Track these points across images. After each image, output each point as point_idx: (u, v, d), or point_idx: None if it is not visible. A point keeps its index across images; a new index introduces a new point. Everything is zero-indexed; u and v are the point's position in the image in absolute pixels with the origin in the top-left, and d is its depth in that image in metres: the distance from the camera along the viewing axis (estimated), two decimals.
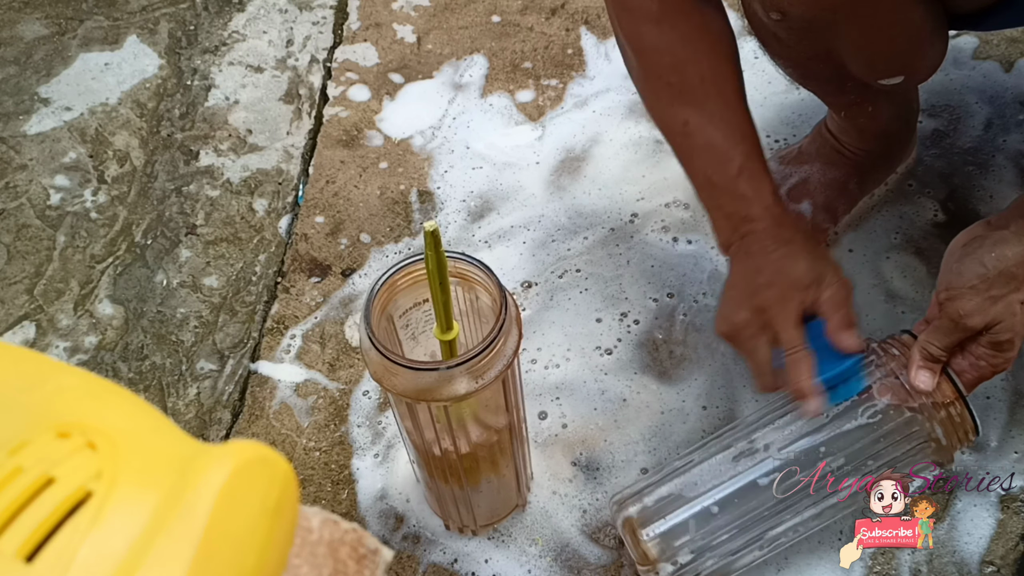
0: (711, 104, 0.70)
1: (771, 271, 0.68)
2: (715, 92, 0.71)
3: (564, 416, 0.84)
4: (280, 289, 0.95)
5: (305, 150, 1.05)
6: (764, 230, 0.69)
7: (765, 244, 0.69)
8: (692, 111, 0.71)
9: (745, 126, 0.71)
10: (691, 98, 0.71)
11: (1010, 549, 0.75)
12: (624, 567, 0.77)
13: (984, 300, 0.63)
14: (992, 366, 0.65)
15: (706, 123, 0.70)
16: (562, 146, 1.02)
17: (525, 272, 0.93)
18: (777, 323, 0.67)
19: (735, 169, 0.69)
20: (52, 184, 1.03)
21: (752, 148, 0.70)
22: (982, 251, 0.64)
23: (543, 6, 1.15)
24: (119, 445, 0.28)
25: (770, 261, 0.68)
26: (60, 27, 1.17)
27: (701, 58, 0.71)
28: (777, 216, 0.69)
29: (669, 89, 0.72)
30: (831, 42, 0.69)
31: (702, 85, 0.71)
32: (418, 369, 0.58)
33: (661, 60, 0.71)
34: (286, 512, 0.30)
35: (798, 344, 0.66)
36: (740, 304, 0.69)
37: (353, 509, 0.81)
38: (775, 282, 0.67)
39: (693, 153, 0.72)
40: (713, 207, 0.72)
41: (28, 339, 0.92)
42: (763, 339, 0.68)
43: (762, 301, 0.67)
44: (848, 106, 0.84)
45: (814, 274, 0.67)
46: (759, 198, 0.69)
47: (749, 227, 0.69)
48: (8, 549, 0.25)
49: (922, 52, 0.72)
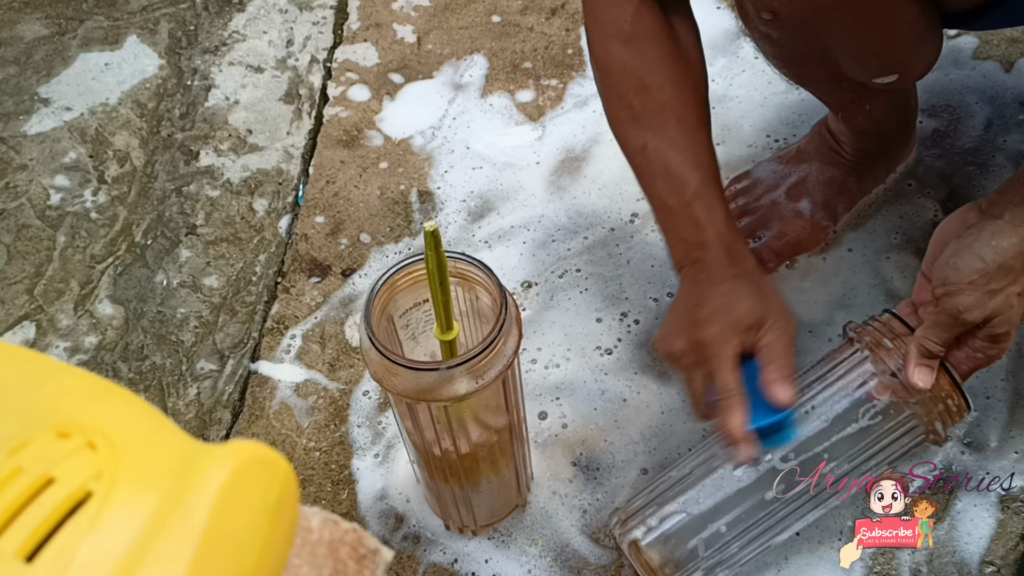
0: (670, 130, 0.71)
1: (714, 305, 0.67)
2: (675, 119, 0.71)
3: (564, 416, 0.84)
4: (280, 289, 0.95)
5: (305, 150, 1.05)
6: (714, 259, 0.68)
7: (712, 275, 0.68)
8: (651, 135, 0.71)
9: (703, 154, 0.71)
10: (651, 121, 0.71)
11: (1010, 549, 0.75)
12: (624, 567, 0.77)
13: (983, 295, 0.63)
14: (988, 357, 0.65)
15: (664, 148, 0.70)
16: (562, 146, 1.02)
17: (525, 272, 0.93)
18: (713, 363, 0.66)
19: (690, 194, 0.69)
20: (52, 184, 1.03)
21: (708, 175, 0.70)
22: (979, 244, 0.64)
23: (543, 6, 1.15)
24: (119, 445, 0.28)
25: (714, 295, 0.67)
26: (60, 27, 1.17)
27: (665, 84, 0.70)
28: (728, 244, 0.69)
29: (630, 111, 0.72)
30: (824, 42, 0.69)
31: (662, 110, 0.71)
32: (418, 369, 0.58)
33: (625, 81, 0.72)
34: (286, 512, 0.30)
35: (732, 389, 0.65)
36: (679, 332, 0.68)
37: (353, 509, 0.81)
38: (715, 318, 0.66)
39: (651, 175, 0.72)
40: (668, 229, 0.72)
41: (28, 339, 0.92)
42: (699, 373, 0.68)
43: (701, 336, 0.66)
44: (845, 105, 0.84)
45: (756, 315, 0.66)
46: (712, 224, 0.69)
47: (700, 253, 0.69)
48: (8, 549, 0.25)
49: (915, 51, 0.72)
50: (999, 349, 0.65)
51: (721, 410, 0.66)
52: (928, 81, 1.00)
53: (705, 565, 0.68)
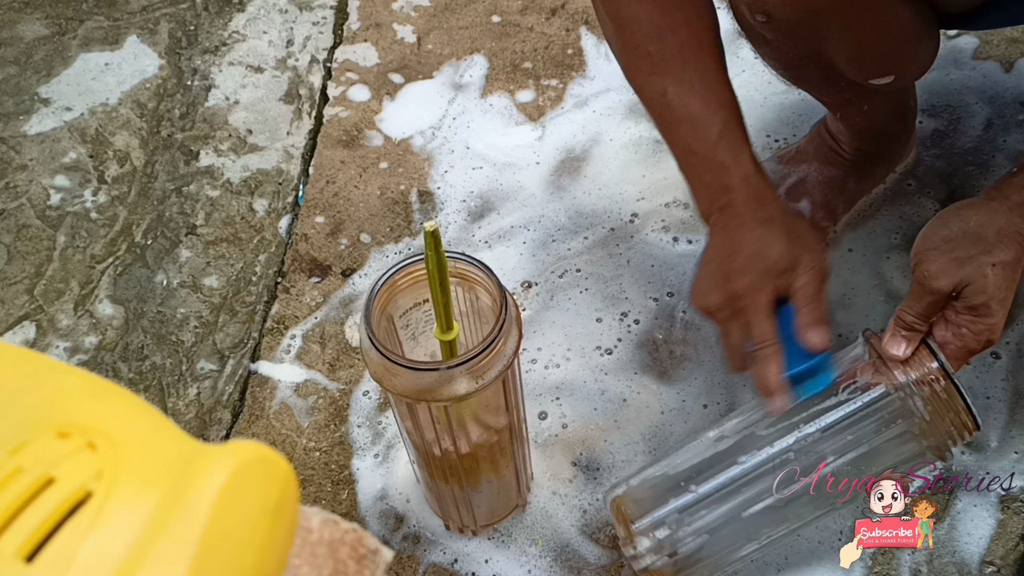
0: (690, 73, 0.69)
1: (746, 254, 0.66)
2: (694, 60, 0.70)
3: (564, 416, 0.84)
4: (280, 289, 0.95)
5: (305, 150, 1.05)
6: (743, 202, 0.67)
7: (743, 219, 0.67)
8: (671, 80, 0.70)
9: (724, 94, 0.70)
10: (669, 67, 0.70)
11: (1010, 549, 0.75)
12: (624, 567, 0.77)
13: (949, 261, 0.64)
14: (974, 334, 0.64)
15: (685, 92, 0.69)
16: (562, 146, 1.02)
17: (525, 272, 0.93)
18: (749, 313, 0.66)
19: (714, 137, 0.68)
20: (52, 184, 1.03)
21: (731, 116, 0.69)
22: (948, 214, 0.66)
23: (543, 6, 1.15)
24: (119, 445, 0.28)
25: (746, 242, 0.67)
26: (60, 27, 1.17)
27: (679, 27, 0.69)
28: (756, 188, 0.68)
29: (648, 59, 0.71)
30: (819, 43, 0.69)
31: (680, 54, 0.70)
32: (418, 369, 0.58)
33: (639, 29, 0.71)
34: (286, 512, 0.30)
35: (768, 338, 0.65)
36: (714, 285, 0.68)
37: (353, 509, 0.81)
38: (749, 267, 0.66)
39: (672, 123, 0.71)
40: (692, 177, 0.71)
41: (28, 339, 0.92)
42: (735, 324, 0.67)
43: (736, 288, 0.66)
44: (843, 105, 0.84)
45: (789, 259, 0.66)
46: (738, 167, 0.68)
47: (728, 198, 0.68)
48: (8, 549, 0.25)
49: (911, 51, 0.72)
50: (984, 325, 0.64)
51: (757, 360, 0.66)
52: (928, 81, 1.00)
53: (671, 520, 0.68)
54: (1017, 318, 0.85)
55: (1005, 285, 0.64)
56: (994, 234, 0.64)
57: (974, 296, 0.63)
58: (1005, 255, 0.64)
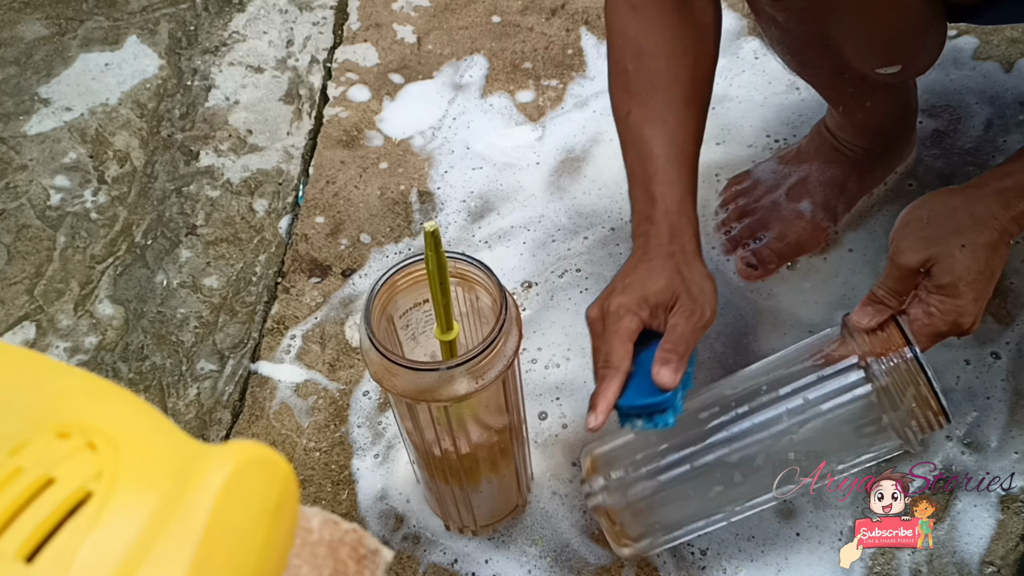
0: (655, 101, 0.71)
1: (633, 279, 0.68)
2: (663, 90, 0.71)
3: (564, 416, 0.84)
4: (280, 289, 0.95)
5: (305, 150, 1.05)
6: (655, 235, 0.69)
7: (648, 249, 0.69)
8: (636, 103, 0.71)
9: (679, 131, 0.71)
10: (639, 90, 0.71)
11: (1010, 549, 0.75)
12: (624, 567, 0.77)
13: (917, 239, 0.66)
14: (941, 313, 0.65)
15: (644, 118, 0.71)
16: (562, 146, 1.02)
17: (525, 272, 0.93)
18: (607, 333, 0.66)
19: (652, 169, 0.70)
20: (52, 184, 1.03)
21: (677, 153, 0.70)
22: (927, 197, 0.68)
23: (543, 6, 1.15)
24: (119, 445, 0.28)
25: (639, 269, 0.68)
26: (60, 27, 1.17)
27: (662, 54, 0.71)
28: (673, 224, 0.69)
29: (624, 76, 0.72)
30: (828, 28, 0.69)
31: (653, 79, 0.71)
32: (418, 369, 0.58)
33: (624, 45, 0.72)
34: (286, 512, 0.30)
35: (611, 362, 0.65)
36: (600, 300, 0.69)
37: (353, 509, 0.81)
38: (628, 291, 0.67)
39: (626, 144, 0.73)
40: (631, 199, 0.73)
41: (28, 339, 0.92)
42: (599, 341, 0.68)
43: (610, 306, 0.67)
44: (846, 99, 0.84)
45: (667, 295, 0.66)
46: (663, 202, 0.69)
47: (647, 227, 0.69)
48: (8, 549, 0.25)
49: (919, 41, 0.72)
50: (952, 306, 0.65)
51: (597, 379, 0.66)
52: (928, 81, 1.00)
53: (628, 460, 0.71)
54: (1017, 318, 0.85)
55: (974, 267, 0.64)
56: (967, 216, 0.65)
57: (941, 275, 0.64)
58: (976, 238, 0.65)
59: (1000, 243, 0.65)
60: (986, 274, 0.65)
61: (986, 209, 0.66)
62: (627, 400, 0.64)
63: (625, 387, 0.65)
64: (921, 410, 0.64)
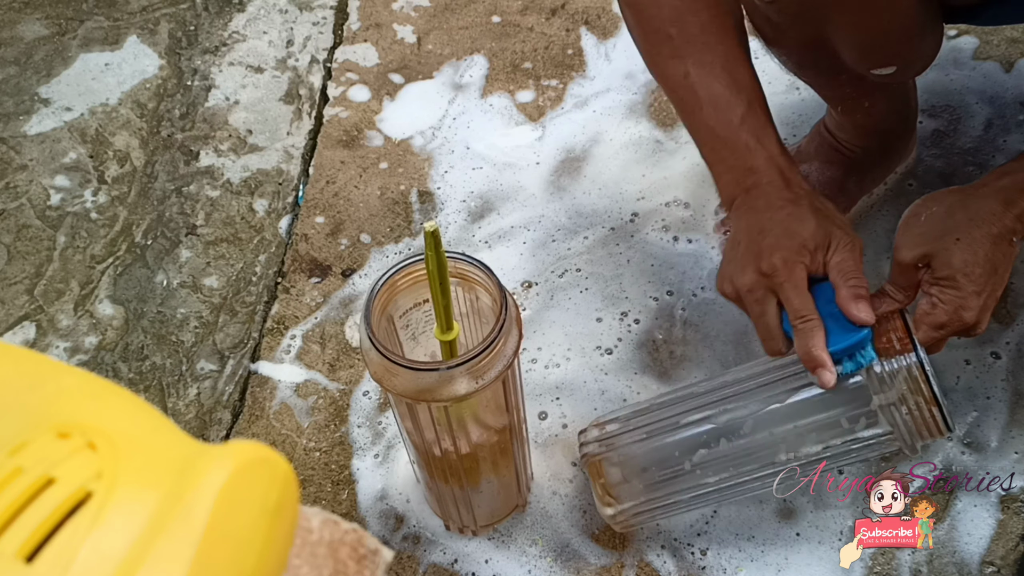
0: (711, 55, 0.69)
1: (777, 232, 0.65)
2: (715, 42, 0.69)
3: (564, 416, 0.84)
4: (280, 289, 0.95)
5: (305, 150, 1.05)
6: (769, 183, 0.67)
7: (771, 200, 0.67)
8: (692, 62, 0.70)
9: (746, 76, 0.69)
10: (691, 49, 0.70)
11: (1010, 549, 0.75)
12: (624, 567, 0.77)
13: (915, 235, 0.66)
14: (943, 303, 0.65)
15: (706, 74, 0.69)
16: (562, 146, 1.02)
17: (525, 272, 0.93)
18: (785, 289, 0.64)
19: (737, 119, 0.68)
20: (52, 184, 1.03)
21: (755, 97, 0.69)
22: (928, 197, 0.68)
23: (543, 6, 1.15)
24: (119, 445, 0.28)
25: (776, 220, 0.66)
26: (60, 27, 1.17)
27: (700, 9, 0.70)
28: (782, 168, 0.67)
29: (669, 41, 0.71)
30: (823, 28, 0.69)
31: (702, 35, 0.70)
32: (418, 369, 0.58)
33: (660, 13, 0.71)
34: (286, 512, 0.30)
35: (807, 313, 0.64)
36: (745, 266, 0.66)
37: (353, 509, 0.81)
38: (781, 244, 0.65)
39: (694, 105, 0.70)
40: (716, 160, 0.70)
41: (28, 339, 0.92)
42: (770, 303, 0.66)
43: (768, 265, 0.65)
44: (844, 99, 0.84)
45: (822, 235, 0.65)
46: (762, 148, 0.67)
47: (753, 179, 0.67)
48: (8, 549, 0.25)
49: (915, 42, 0.72)
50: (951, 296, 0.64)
51: (800, 334, 0.64)
52: (928, 81, 1.00)
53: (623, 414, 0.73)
54: (1017, 318, 0.85)
55: (971, 260, 0.64)
56: (964, 213, 0.65)
57: (940, 269, 0.65)
58: (972, 232, 0.65)
59: (1000, 239, 0.65)
60: (986, 268, 0.64)
61: (984, 206, 0.66)
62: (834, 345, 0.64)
63: None
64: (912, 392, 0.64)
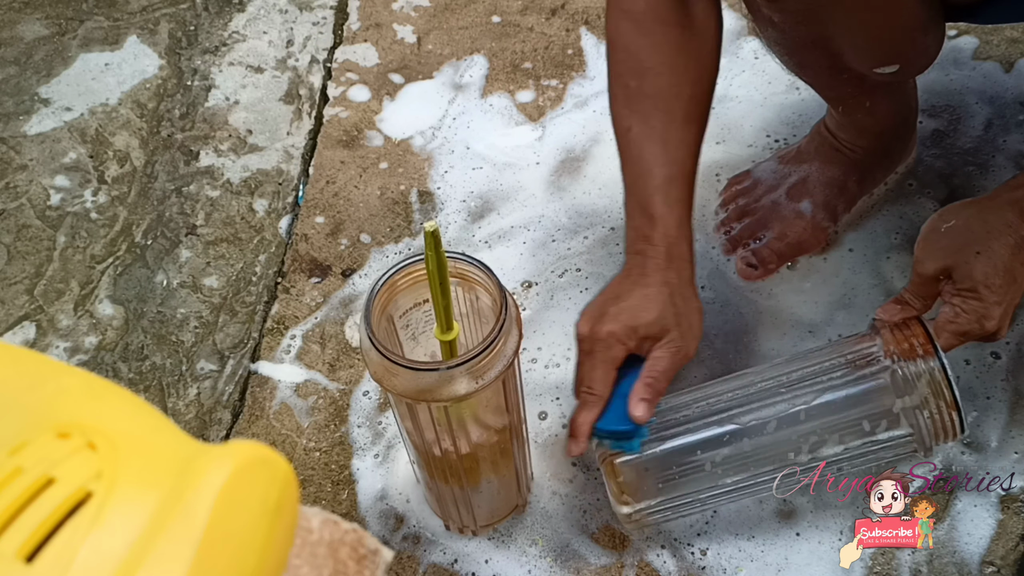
0: (656, 119, 0.72)
1: (625, 305, 0.69)
2: (664, 109, 0.72)
3: (564, 416, 0.84)
4: (280, 289, 0.95)
5: (305, 150, 1.05)
6: (652, 257, 0.70)
7: (645, 272, 0.70)
8: (637, 120, 0.72)
9: (679, 151, 0.72)
10: (641, 107, 0.72)
11: (1010, 549, 0.75)
12: (624, 567, 0.77)
13: (935, 249, 0.69)
14: (965, 313, 0.68)
15: (645, 136, 0.72)
16: (562, 146, 1.02)
17: (525, 272, 0.93)
18: (593, 357, 0.69)
19: (651, 188, 0.71)
20: (52, 184, 1.03)
21: (676, 174, 0.71)
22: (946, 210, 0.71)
23: (543, 6, 1.15)
24: (119, 445, 0.28)
25: (633, 295, 0.70)
26: (60, 27, 1.17)
27: (664, 72, 0.72)
28: (670, 248, 0.70)
29: (625, 91, 0.73)
30: (826, 28, 0.69)
31: (654, 98, 0.72)
32: (418, 369, 0.58)
33: (627, 61, 0.73)
34: (286, 512, 0.30)
35: (593, 388, 0.69)
36: (587, 320, 0.71)
37: (353, 509, 0.81)
38: (619, 318, 0.69)
39: (626, 159, 0.74)
40: (627, 214, 0.74)
41: (28, 339, 0.92)
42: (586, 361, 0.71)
43: (599, 331, 0.69)
44: (845, 99, 0.84)
45: (657, 328, 0.69)
46: (663, 223, 0.70)
47: (644, 246, 0.71)
48: (8, 549, 0.25)
49: (916, 41, 0.72)
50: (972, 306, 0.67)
51: (580, 404, 0.70)
52: (928, 81, 1.00)
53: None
54: (1017, 318, 0.85)
55: (991, 271, 0.67)
56: (981, 225, 0.68)
57: (961, 281, 0.68)
58: (991, 244, 0.67)
59: (1018, 249, 0.67)
60: (1006, 279, 0.67)
61: (999, 218, 0.68)
62: (602, 424, 0.69)
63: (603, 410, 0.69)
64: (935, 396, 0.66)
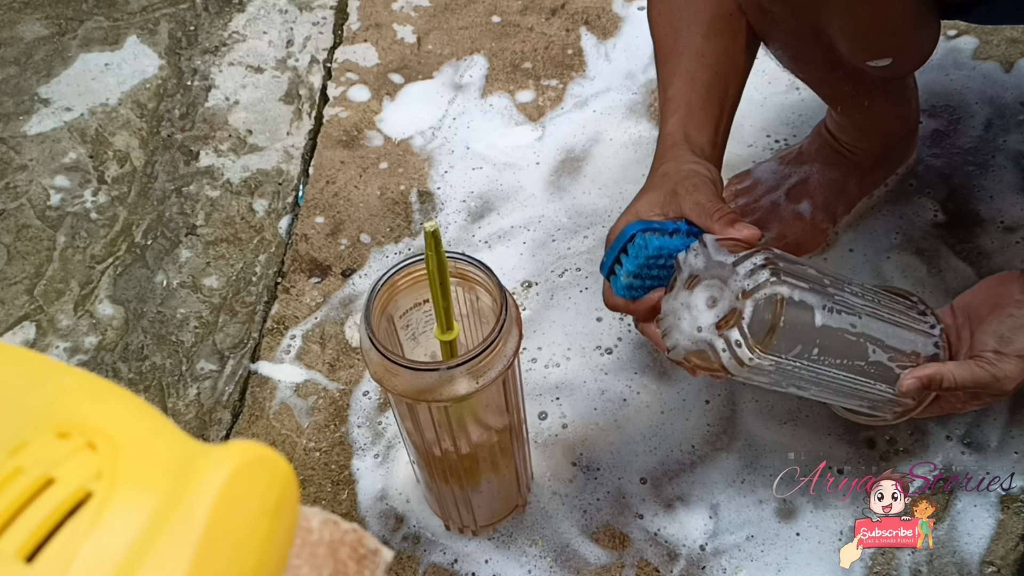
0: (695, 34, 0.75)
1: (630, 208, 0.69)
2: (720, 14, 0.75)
3: (564, 416, 0.84)
4: (280, 289, 0.95)
5: (305, 150, 1.05)
6: (654, 163, 0.72)
7: (650, 180, 0.71)
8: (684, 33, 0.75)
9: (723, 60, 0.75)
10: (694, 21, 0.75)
11: (1010, 549, 0.75)
12: (624, 567, 0.77)
13: (995, 336, 0.68)
14: (982, 404, 0.71)
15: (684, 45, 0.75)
16: (562, 146, 1.02)
17: (525, 272, 0.93)
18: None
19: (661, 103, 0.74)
20: (52, 184, 1.03)
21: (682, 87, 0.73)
22: (1003, 298, 0.70)
23: (543, 6, 1.15)
24: (119, 445, 0.28)
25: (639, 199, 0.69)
26: (60, 27, 1.17)
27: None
28: (664, 146, 0.71)
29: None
30: (818, 17, 0.70)
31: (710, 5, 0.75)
32: (418, 369, 0.58)
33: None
34: (286, 512, 0.30)
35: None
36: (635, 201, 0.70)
37: (353, 509, 0.81)
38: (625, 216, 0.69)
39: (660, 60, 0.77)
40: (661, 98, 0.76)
41: (28, 339, 0.92)
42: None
43: (615, 228, 0.68)
44: (843, 98, 0.84)
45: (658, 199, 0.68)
46: (662, 132, 0.72)
47: (661, 141, 0.73)
48: (8, 549, 0.25)
49: (910, 33, 0.72)
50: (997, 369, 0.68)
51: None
52: (928, 81, 1.00)
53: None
54: None
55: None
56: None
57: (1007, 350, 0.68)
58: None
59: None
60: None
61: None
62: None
63: None
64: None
